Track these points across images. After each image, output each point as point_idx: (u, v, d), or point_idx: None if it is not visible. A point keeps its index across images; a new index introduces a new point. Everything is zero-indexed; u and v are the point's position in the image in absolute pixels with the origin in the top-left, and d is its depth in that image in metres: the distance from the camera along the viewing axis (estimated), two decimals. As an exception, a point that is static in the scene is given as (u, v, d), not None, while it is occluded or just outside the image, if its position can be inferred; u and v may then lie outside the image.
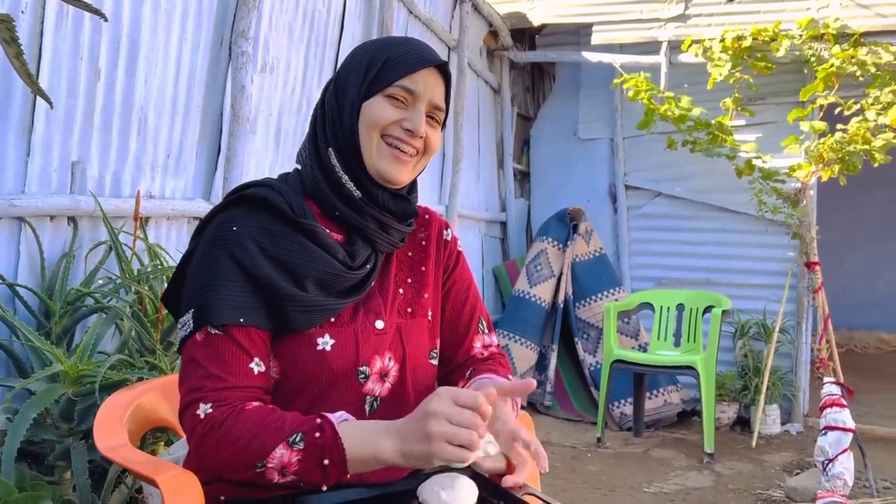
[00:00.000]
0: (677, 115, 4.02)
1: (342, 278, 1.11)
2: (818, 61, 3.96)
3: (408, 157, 1.12)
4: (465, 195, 4.52)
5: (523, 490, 1.18)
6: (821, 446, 3.02)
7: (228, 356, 1.03)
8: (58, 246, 1.95)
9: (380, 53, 1.11)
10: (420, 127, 1.10)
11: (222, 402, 1.01)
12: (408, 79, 1.10)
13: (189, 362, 1.04)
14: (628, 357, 3.88)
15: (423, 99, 1.11)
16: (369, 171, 1.11)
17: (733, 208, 4.61)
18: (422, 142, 1.13)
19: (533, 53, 5.27)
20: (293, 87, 2.91)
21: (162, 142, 2.28)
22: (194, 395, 1.01)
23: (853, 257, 7.10)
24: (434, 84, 1.12)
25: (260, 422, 0.99)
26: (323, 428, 0.98)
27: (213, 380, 1.01)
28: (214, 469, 1.04)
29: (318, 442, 0.97)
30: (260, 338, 1.06)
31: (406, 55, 1.11)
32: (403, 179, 1.13)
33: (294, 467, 0.97)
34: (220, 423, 0.99)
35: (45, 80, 1.82)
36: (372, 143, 1.10)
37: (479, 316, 1.30)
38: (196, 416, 1.00)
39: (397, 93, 1.10)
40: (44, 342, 1.60)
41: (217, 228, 1.08)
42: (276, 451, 0.97)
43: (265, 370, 1.06)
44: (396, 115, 1.10)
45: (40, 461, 1.65)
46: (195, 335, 1.04)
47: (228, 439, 0.98)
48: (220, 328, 1.03)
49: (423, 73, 1.11)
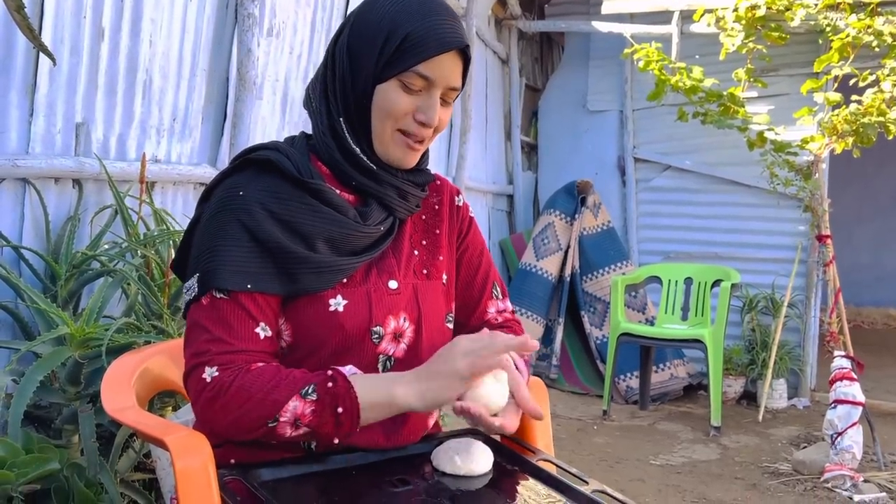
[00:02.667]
0: (689, 87, 3.95)
1: (353, 236, 1.08)
2: (833, 31, 3.87)
3: (419, 146, 1.10)
4: (472, 167, 4.47)
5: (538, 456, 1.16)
6: (830, 420, 3.01)
7: (234, 320, 1.01)
8: (63, 209, 1.92)
9: (399, 26, 1.03)
10: (434, 118, 1.07)
11: (227, 365, 1.00)
12: (424, 65, 1.03)
13: (194, 326, 1.03)
14: (635, 330, 3.86)
15: (439, 85, 1.06)
16: (378, 154, 1.09)
17: (744, 181, 4.56)
18: (433, 127, 1.09)
19: (542, 23, 5.19)
20: (300, 53, 2.86)
21: (167, 105, 2.24)
22: (199, 358, 1.00)
23: (862, 232, 7.03)
24: (452, 68, 1.06)
25: (270, 379, 0.99)
26: (335, 378, 1.00)
27: (218, 343, 1.00)
28: (223, 432, 1.02)
29: (331, 391, 0.98)
30: (267, 303, 1.04)
31: (426, 36, 1.03)
32: (412, 164, 1.12)
33: (308, 418, 0.98)
34: (228, 386, 0.98)
35: (47, 38, 1.78)
36: (385, 131, 1.07)
37: (493, 281, 1.28)
38: (202, 379, 0.99)
39: (413, 80, 1.04)
40: (50, 304, 1.58)
41: (223, 193, 1.06)
42: (288, 403, 0.98)
43: (271, 335, 1.04)
44: (411, 103, 1.05)
45: (47, 425, 1.64)
46: (200, 300, 1.02)
47: (238, 400, 0.97)
48: (226, 293, 1.02)
49: (442, 57, 1.04)
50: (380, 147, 1.09)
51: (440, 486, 1.04)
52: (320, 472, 1.06)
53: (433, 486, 1.04)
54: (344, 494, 1.01)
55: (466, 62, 1.08)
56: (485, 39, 4.70)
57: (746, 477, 3.11)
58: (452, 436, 1.19)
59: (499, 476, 1.10)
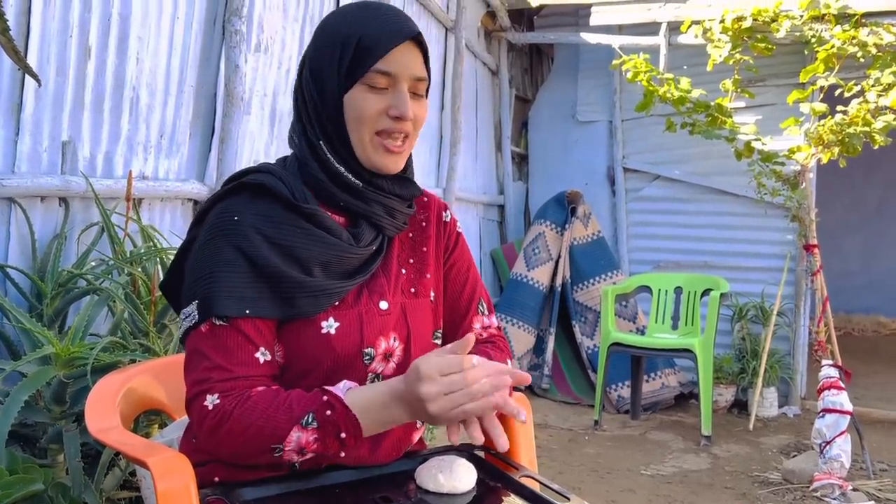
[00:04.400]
0: (677, 97, 3.98)
1: (347, 259, 1.10)
2: (819, 42, 3.91)
3: (400, 146, 1.10)
4: (462, 178, 4.49)
5: (521, 473, 1.17)
6: (818, 429, 3.03)
7: (234, 346, 1.02)
8: (49, 227, 1.92)
9: (350, 36, 1.06)
10: (407, 110, 1.07)
11: (229, 392, 1.01)
12: (383, 62, 1.05)
13: (194, 354, 1.04)
14: (626, 340, 3.87)
15: (403, 77, 1.07)
16: (363, 164, 1.10)
17: (732, 191, 4.59)
18: (410, 122, 1.10)
19: (531, 34, 5.22)
20: (288, 68, 2.87)
21: (154, 122, 2.24)
22: (201, 386, 1.01)
23: (851, 241, 7.08)
24: (411, 58, 1.08)
25: (268, 406, 0.99)
26: (332, 405, 1.00)
27: (219, 371, 1.01)
28: (229, 458, 1.05)
29: (331, 419, 0.99)
30: (266, 327, 1.05)
31: (377, 35, 1.05)
32: (398, 167, 1.12)
33: (312, 446, 1.00)
34: (230, 413, 0.99)
35: (33, 58, 1.79)
36: (363, 139, 1.08)
37: (479, 297, 1.29)
38: (204, 407, 1.00)
39: (376, 80, 1.06)
40: (35, 324, 1.58)
41: (217, 218, 1.07)
42: (291, 434, 0.99)
43: (270, 359, 1.05)
44: (380, 103, 1.07)
45: (32, 444, 1.63)
46: (199, 327, 1.03)
47: (240, 427, 0.99)
48: (225, 319, 1.02)
49: (397, 50, 1.06)
50: (363, 156, 1.09)
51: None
52: (303, 490, 1.07)
53: (415, 505, 1.05)
54: (326, 514, 1.02)
55: (425, 52, 1.10)
56: (474, 51, 4.73)
57: (736, 486, 3.12)
58: (436, 453, 1.19)
59: (482, 493, 1.10)
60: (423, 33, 1.11)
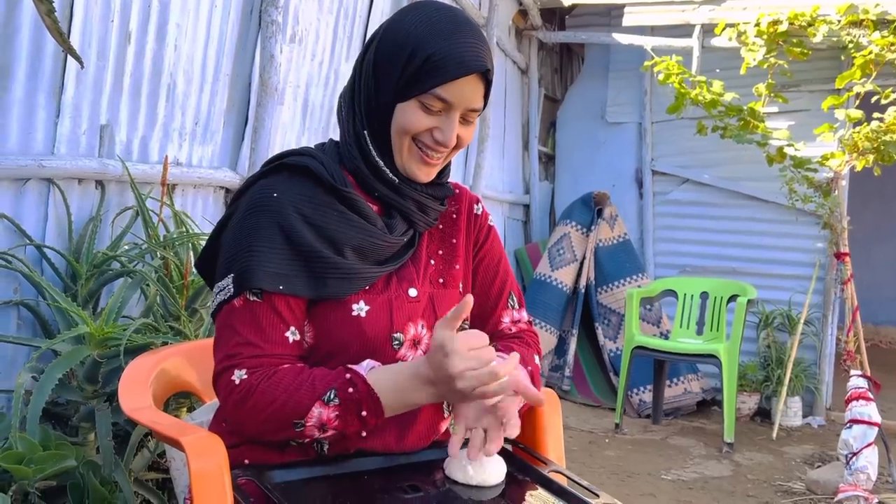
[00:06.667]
0: (708, 100, 3.94)
1: (380, 247, 1.11)
2: (856, 48, 3.86)
3: (435, 161, 1.11)
4: (489, 176, 4.48)
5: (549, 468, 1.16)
6: (845, 439, 2.98)
7: (266, 324, 1.03)
8: (85, 209, 1.94)
9: (421, 47, 1.03)
10: (451, 139, 1.07)
11: (256, 368, 1.02)
12: (444, 88, 1.03)
13: (225, 328, 1.05)
14: (650, 344, 3.84)
15: (458, 107, 1.06)
16: (398, 168, 1.11)
17: (762, 197, 4.53)
18: (452, 146, 1.10)
19: (562, 34, 5.19)
20: (321, 60, 2.88)
21: (190, 109, 2.26)
22: (230, 361, 1.02)
23: (881, 251, 6.95)
24: (473, 91, 1.06)
25: (292, 382, 1.00)
26: (354, 382, 1.00)
27: (249, 347, 1.02)
28: (253, 433, 1.05)
29: (353, 397, 1.00)
30: (298, 306, 1.06)
31: (447, 59, 1.02)
32: (429, 178, 1.12)
33: (334, 423, 1.01)
34: (255, 388, 1.00)
35: (75, 41, 1.81)
36: (403, 145, 1.09)
37: (510, 290, 1.28)
38: (231, 381, 1.01)
39: (431, 102, 1.05)
40: (70, 303, 1.60)
41: (258, 194, 1.07)
42: (313, 409, 1.00)
43: (299, 339, 1.07)
44: (429, 122, 1.06)
45: (64, 422, 1.65)
46: (233, 301, 1.04)
47: (264, 402, 1.00)
48: (259, 294, 1.03)
49: (463, 80, 1.03)
50: (398, 160, 1.10)
51: (451, 495, 1.05)
52: (332, 475, 1.07)
53: (444, 495, 1.05)
54: (355, 498, 1.02)
55: (488, 84, 1.08)
56: (505, 49, 4.71)
57: (759, 495, 3.08)
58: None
59: (510, 487, 1.10)
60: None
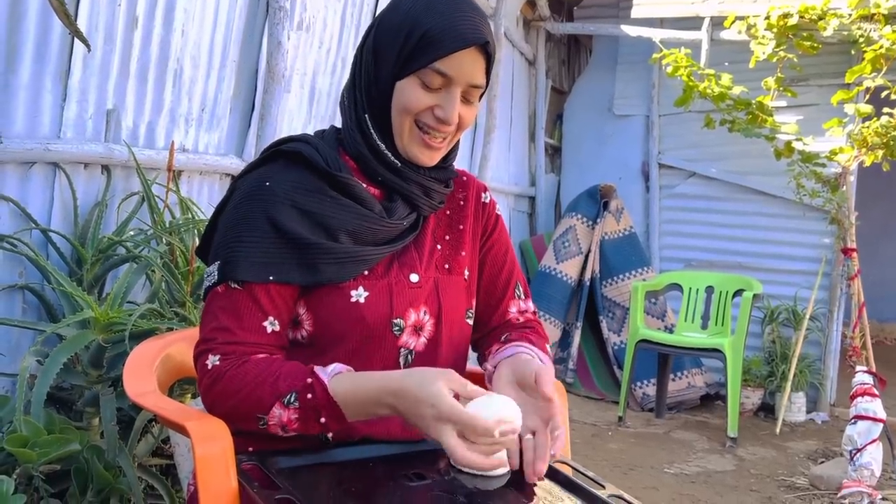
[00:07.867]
0: (717, 94, 3.92)
1: (377, 230, 1.09)
2: (867, 42, 3.82)
3: (438, 143, 1.09)
4: (494, 167, 4.46)
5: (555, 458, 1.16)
6: (849, 435, 2.97)
7: (244, 311, 1.03)
8: (91, 194, 1.94)
9: (418, 23, 1.02)
10: (452, 116, 1.05)
11: (229, 354, 1.01)
12: (443, 62, 1.02)
13: (207, 313, 1.05)
14: (654, 337, 3.83)
15: (459, 82, 1.04)
16: (400, 151, 1.09)
17: (769, 191, 4.51)
18: (454, 125, 1.08)
19: (571, 25, 5.16)
20: (329, 47, 2.87)
21: (197, 95, 2.25)
22: (206, 345, 1.03)
23: (888, 248, 6.92)
24: (473, 65, 1.04)
25: (257, 375, 0.99)
26: (314, 388, 0.97)
27: (224, 333, 1.02)
28: (223, 418, 1.04)
29: (311, 403, 0.97)
30: (281, 297, 1.05)
31: (444, 33, 1.01)
32: (433, 162, 1.11)
33: (293, 425, 0.99)
34: (224, 374, 1.00)
35: (82, 25, 1.80)
36: (404, 126, 1.07)
37: (517, 280, 1.28)
38: (204, 365, 1.02)
39: (431, 78, 1.03)
40: (75, 288, 1.60)
41: (251, 183, 1.07)
42: (273, 410, 0.98)
43: (279, 330, 1.05)
44: (429, 100, 1.04)
45: (69, 406, 1.66)
46: (217, 287, 1.04)
47: (230, 390, 1.00)
48: (241, 284, 1.03)
49: (460, 53, 1.02)
50: (400, 144, 1.09)
51: (456, 483, 1.04)
52: (337, 462, 1.07)
53: (449, 483, 1.04)
54: (360, 485, 1.02)
55: (489, 59, 1.06)
56: (512, 40, 4.69)
57: (762, 490, 3.08)
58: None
59: (515, 476, 1.09)
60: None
